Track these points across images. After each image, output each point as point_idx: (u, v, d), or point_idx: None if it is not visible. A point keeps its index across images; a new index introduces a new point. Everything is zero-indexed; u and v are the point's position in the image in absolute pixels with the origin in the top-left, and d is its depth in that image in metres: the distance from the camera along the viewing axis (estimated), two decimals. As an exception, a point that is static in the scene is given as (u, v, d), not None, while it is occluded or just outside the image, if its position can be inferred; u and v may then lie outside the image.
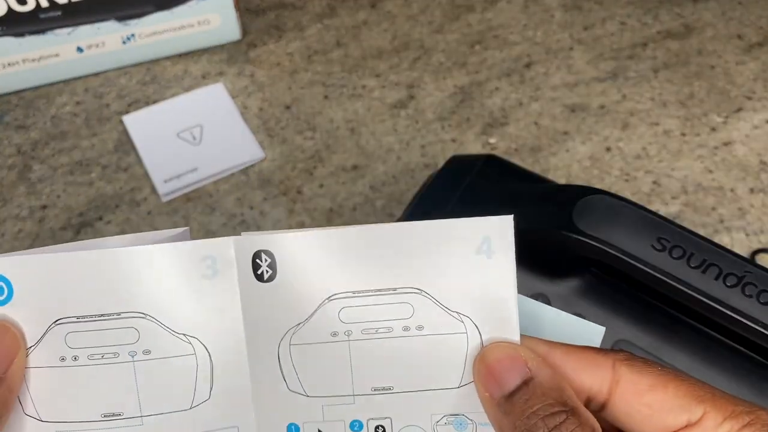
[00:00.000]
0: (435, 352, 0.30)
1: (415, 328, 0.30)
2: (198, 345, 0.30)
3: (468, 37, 0.69)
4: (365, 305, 0.30)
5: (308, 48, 0.69)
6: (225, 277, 0.30)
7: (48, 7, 0.63)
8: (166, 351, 0.30)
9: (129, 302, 0.30)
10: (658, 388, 0.27)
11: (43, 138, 0.64)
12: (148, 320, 0.30)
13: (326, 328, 0.30)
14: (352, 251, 0.29)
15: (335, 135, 0.63)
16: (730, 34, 0.67)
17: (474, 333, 0.29)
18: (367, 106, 0.65)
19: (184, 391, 0.31)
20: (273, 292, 0.30)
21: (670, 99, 0.63)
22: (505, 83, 0.65)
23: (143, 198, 0.60)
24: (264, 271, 0.30)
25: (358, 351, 0.30)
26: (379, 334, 0.30)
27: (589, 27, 0.69)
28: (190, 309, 0.30)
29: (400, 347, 0.30)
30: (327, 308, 0.30)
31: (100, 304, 0.30)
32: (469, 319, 0.29)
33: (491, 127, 0.63)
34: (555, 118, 0.63)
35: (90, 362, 0.30)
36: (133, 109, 0.66)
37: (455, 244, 0.29)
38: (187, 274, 0.30)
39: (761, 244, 0.55)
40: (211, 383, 0.31)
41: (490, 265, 0.29)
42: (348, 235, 0.29)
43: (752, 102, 0.63)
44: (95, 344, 0.30)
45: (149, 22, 0.66)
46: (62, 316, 0.30)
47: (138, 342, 0.30)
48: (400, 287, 0.29)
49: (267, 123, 0.64)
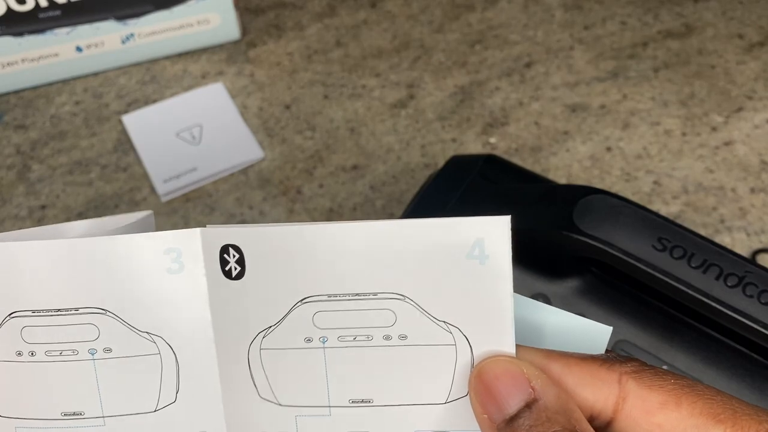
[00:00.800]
0: (420, 364, 0.27)
1: (398, 338, 0.27)
2: (162, 344, 0.28)
3: (468, 37, 0.69)
4: (342, 310, 0.27)
5: (308, 48, 0.69)
6: (191, 272, 0.27)
7: (47, 6, 0.63)
8: (128, 350, 0.28)
9: (88, 296, 0.27)
10: (670, 405, 0.25)
11: (42, 138, 0.64)
12: (108, 316, 0.28)
13: (300, 332, 0.27)
14: (329, 250, 0.26)
15: (335, 135, 0.63)
16: (730, 34, 0.67)
17: (464, 345, 0.27)
18: (367, 106, 0.65)
19: (149, 392, 0.29)
20: (242, 290, 0.27)
21: (670, 99, 0.63)
22: (506, 83, 0.65)
23: (142, 198, 0.60)
24: (232, 267, 0.27)
25: (334, 359, 0.28)
26: (357, 342, 0.27)
27: (589, 26, 0.69)
28: (154, 305, 0.28)
29: (381, 357, 0.27)
30: (300, 311, 0.27)
31: (57, 297, 0.27)
32: (458, 329, 0.27)
33: (491, 126, 0.63)
34: (555, 117, 0.63)
35: (48, 359, 0.28)
36: (132, 108, 0.66)
37: (444, 247, 0.26)
38: (150, 268, 0.27)
39: (762, 244, 0.55)
40: (177, 385, 0.29)
41: (482, 271, 0.26)
42: (325, 231, 0.26)
43: (753, 102, 0.63)
44: (53, 340, 0.28)
45: (148, 21, 0.66)
46: (18, 309, 0.28)
47: (98, 339, 0.28)
48: (381, 292, 0.27)
49: (267, 123, 0.64)
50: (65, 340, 0.28)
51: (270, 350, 0.28)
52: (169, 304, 0.28)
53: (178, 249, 0.27)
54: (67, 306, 0.28)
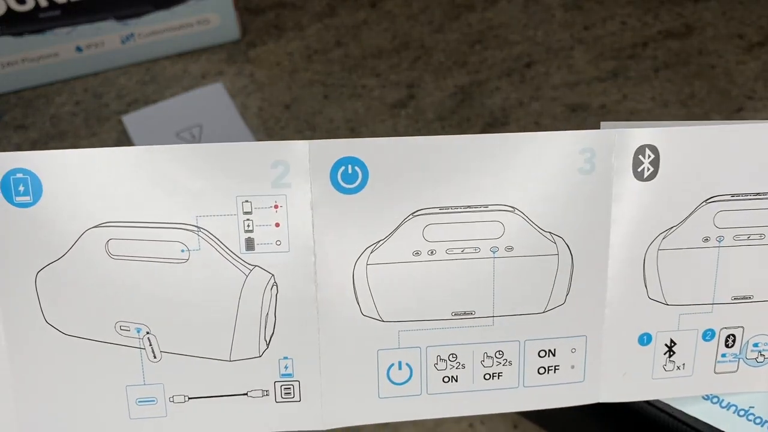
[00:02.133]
0: None
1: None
2: (562, 245, 0.28)
3: (468, 37, 0.69)
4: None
5: (308, 47, 0.69)
6: (602, 173, 0.28)
7: (47, 6, 0.63)
8: (529, 249, 0.28)
9: (498, 194, 0.27)
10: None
11: (42, 138, 0.64)
12: (516, 214, 0.28)
13: (699, 232, 0.28)
14: None
15: (335, 135, 0.63)
16: (730, 34, 0.67)
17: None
18: (367, 106, 0.65)
19: (541, 292, 0.29)
20: (652, 191, 0.28)
21: (670, 99, 0.63)
22: (506, 83, 0.65)
23: (142, 198, 0.60)
24: (645, 168, 0.28)
25: (726, 258, 0.29)
26: (750, 240, 0.29)
27: (589, 26, 0.69)
28: (561, 205, 0.28)
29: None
30: (703, 211, 0.28)
31: (467, 192, 0.27)
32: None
33: (492, 126, 0.63)
34: (556, 117, 0.63)
35: (448, 257, 0.28)
36: (132, 108, 0.66)
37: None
38: (565, 167, 0.27)
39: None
40: (569, 287, 0.29)
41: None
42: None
43: (753, 102, 0.63)
44: (457, 238, 0.28)
45: (148, 21, 0.66)
46: (421, 207, 0.27)
47: (502, 237, 0.28)
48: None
49: (266, 123, 0.64)
50: (470, 237, 0.28)
51: (669, 251, 0.29)
52: (575, 204, 0.28)
53: (591, 149, 0.27)
54: (476, 203, 0.28)
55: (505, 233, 0.28)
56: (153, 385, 0.29)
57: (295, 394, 0.29)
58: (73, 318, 0.28)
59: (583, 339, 0.29)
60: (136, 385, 0.28)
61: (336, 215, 0.27)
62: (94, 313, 0.28)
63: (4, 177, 0.26)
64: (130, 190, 0.27)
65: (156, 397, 0.29)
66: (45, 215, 0.27)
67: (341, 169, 0.27)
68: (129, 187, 0.27)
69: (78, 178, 0.26)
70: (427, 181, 0.27)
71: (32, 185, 0.26)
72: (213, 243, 0.27)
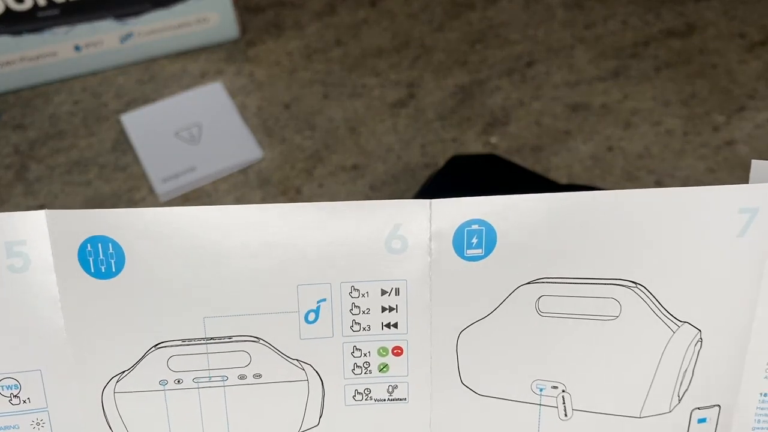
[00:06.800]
0: None
1: None
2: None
3: (469, 36, 0.69)
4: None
5: (308, 47, 0.69)
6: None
7: (46, 5, 0.63)
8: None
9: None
10: None
11: (41, 137, 0.64)
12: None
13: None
14: None
15: (335, 134, 0.63)
16: (732, 33, 0.67)
17: None
18: (367, 105, 0.64)
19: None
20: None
21: (672, 98, 0.63)
22: (506, 82, 0.65)
23: (141, 198, 0.60)
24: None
25: None
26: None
27: (590, 25, 0.69)
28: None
29: None
30: None
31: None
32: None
33: (492, 126, 0.62)
34: (556, 117, 0.63)
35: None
36: (131, 108, 0.65)
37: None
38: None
39: (764, 244, 0.55)
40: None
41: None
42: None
43: (755, 101, 0.62)
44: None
45: (147, 20, 0.66)
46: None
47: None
48: None
49: (266, 122, 0.64)
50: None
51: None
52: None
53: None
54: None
55: None
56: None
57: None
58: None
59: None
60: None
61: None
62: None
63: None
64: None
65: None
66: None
67: None
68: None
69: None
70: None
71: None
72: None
